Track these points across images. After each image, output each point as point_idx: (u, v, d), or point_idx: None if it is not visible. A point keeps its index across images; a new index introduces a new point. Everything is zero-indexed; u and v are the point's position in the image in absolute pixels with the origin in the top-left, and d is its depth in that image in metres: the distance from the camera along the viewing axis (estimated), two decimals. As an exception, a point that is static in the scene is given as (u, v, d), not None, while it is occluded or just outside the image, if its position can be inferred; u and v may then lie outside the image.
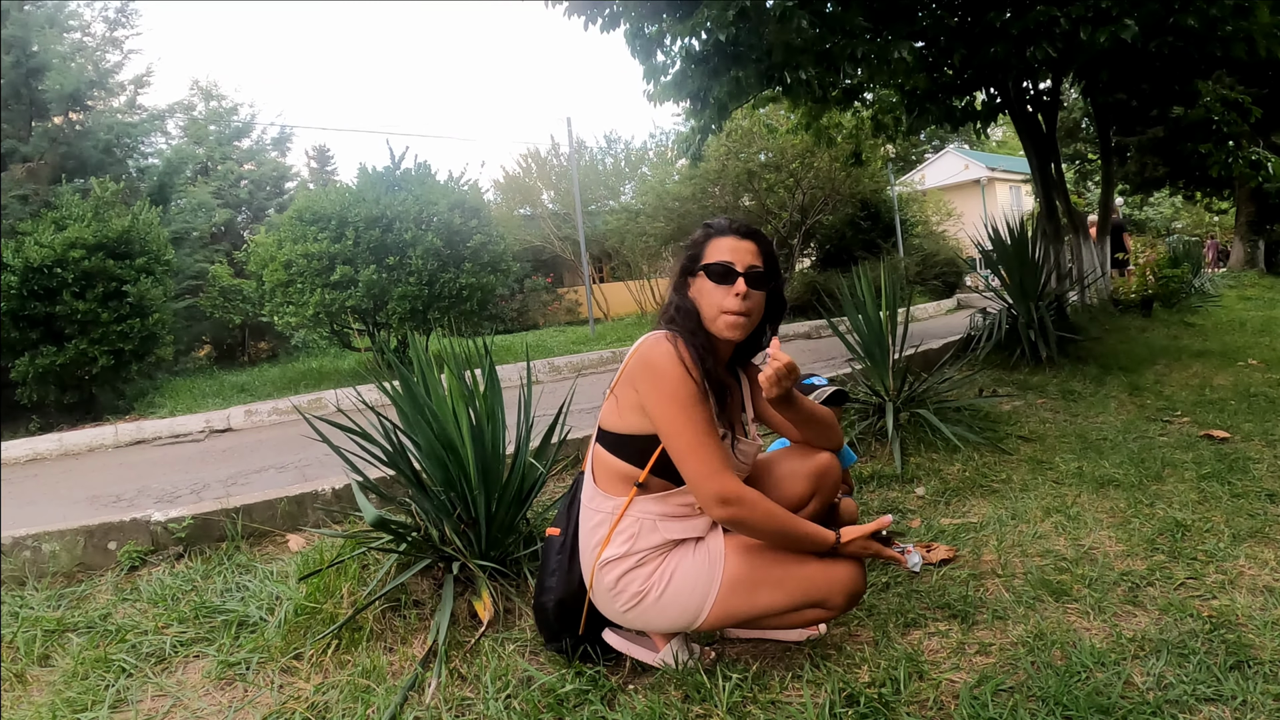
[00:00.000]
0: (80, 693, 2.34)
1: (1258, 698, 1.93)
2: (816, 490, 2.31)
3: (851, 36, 7.05)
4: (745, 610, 2.06)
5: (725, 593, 2.04)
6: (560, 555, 2.29)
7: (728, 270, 2.10)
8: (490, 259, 11.43)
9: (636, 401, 2.04)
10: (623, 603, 2.10)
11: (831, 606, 2.05)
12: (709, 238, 2.17)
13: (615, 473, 2.11)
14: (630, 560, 2.08)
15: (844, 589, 2.04)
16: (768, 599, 2.04)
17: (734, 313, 2.08)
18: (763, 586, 2.04)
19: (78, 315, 9.22)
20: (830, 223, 19.71)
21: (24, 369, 9.20)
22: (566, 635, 2.28)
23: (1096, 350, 7.09)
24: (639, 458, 2.07)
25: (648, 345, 2.04)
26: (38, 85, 11.12)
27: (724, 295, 2.09)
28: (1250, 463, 3.87)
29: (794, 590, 2.04)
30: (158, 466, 6.60)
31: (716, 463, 1.97)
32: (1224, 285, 16.36)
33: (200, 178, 19.54)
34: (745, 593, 2.04)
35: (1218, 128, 11.37)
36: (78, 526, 3.36)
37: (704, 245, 2.17)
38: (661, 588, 2.07)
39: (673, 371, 1.98)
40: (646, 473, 2.07)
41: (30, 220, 9.65)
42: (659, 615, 2.09)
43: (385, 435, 2.81)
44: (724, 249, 2.13)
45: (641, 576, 2.08)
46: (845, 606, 2.08)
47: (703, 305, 2.12)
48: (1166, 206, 38.48)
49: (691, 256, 2.18)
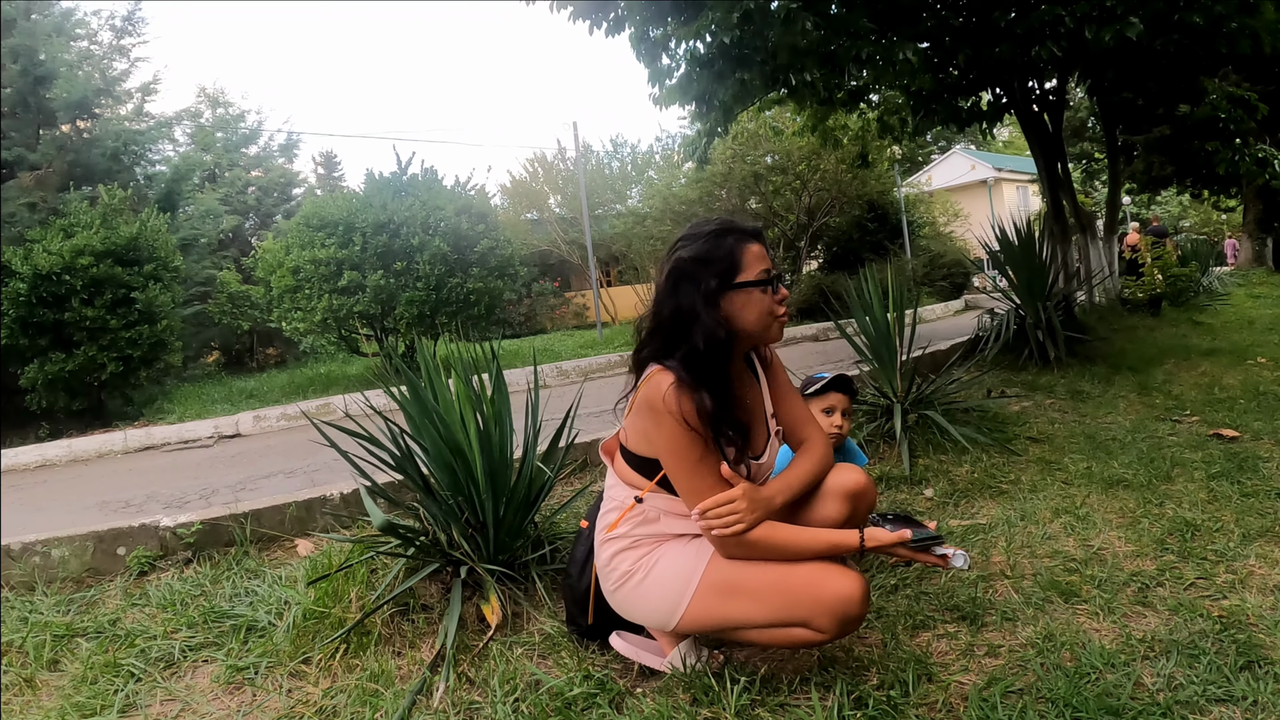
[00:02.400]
0: (89, 697, 2.35)
1: (1268, 698, 1.92)
2: (853, 512, 2.20)
3: (856, 38, 7.05)
4: (720, 616, 2.02)
5: (702, 593, 2.01)
6: (583, 546, 2.36)
7: (776, 277, 2.06)
8: (497, 264, 11.44)
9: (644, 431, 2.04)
10: (612, 581, 2.12)
11: (819, 628, 1.92)
12: (741, 244, 2.04)
13: (629, 476, 2.13)
14: (626, 540, 2.10)
15: (832, 610, 1.90)
16: (743, 609, 1.98)
17: (782, 315, 2.08)
18: (739, 595, 1.99)
19: (86, 322, 9.27)
20: (837, 225, 19.68)
21: (33, 375, 9.25)
22: (580, 622, 2.37)
23: (1105, 350, 7.06)
24: (648, 472, 2.08)
25: (655, 386, 1.97)
26: (45, 93, 11.19)
27: (773, 302, 2.05)
28: (1260, 461, 3.84)
29: (772, 605, 1.95)
30: (166, 472, 6.62)
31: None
32: (1232, 283, 16.30)
33: (208, 184, 19.66)
34: (721, 598, 2.00)
35: (1225, 125, 11.36)
36: (87, 532, 3.37)
37: (739, 255, 2.03)
38: (645, 572, 2.07)
39: (674, 423, 1.93)
40: (647, 491, 2.08)
41: (39, 228, 9.71)
42: (640, 601, 2.09)
43: (393, 440, 2.81)
44: (759, 256, 2.05)
45: (632, 558, 2.09)
46: (836, 631, 1.93)
47: (749, 317, 2.03)
48: (1174, 205, 38.40)
49: (726, 269, 2.02)
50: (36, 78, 11.07)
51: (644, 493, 2.08)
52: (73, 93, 11.27)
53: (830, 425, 3.13)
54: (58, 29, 11.98)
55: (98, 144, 11.87)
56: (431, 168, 11.85)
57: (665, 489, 2.06)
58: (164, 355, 10.45)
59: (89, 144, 11.81)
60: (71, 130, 11.91)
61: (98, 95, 12.04)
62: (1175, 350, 7.47)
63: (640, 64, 7.85)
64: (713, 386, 1.97)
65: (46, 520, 4.93)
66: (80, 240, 9.28)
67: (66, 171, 11.27)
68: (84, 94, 11.47)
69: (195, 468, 6.67)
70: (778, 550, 1.97)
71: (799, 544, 1.97)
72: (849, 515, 2.19)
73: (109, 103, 13.08)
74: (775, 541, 1.97)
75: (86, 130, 12.05)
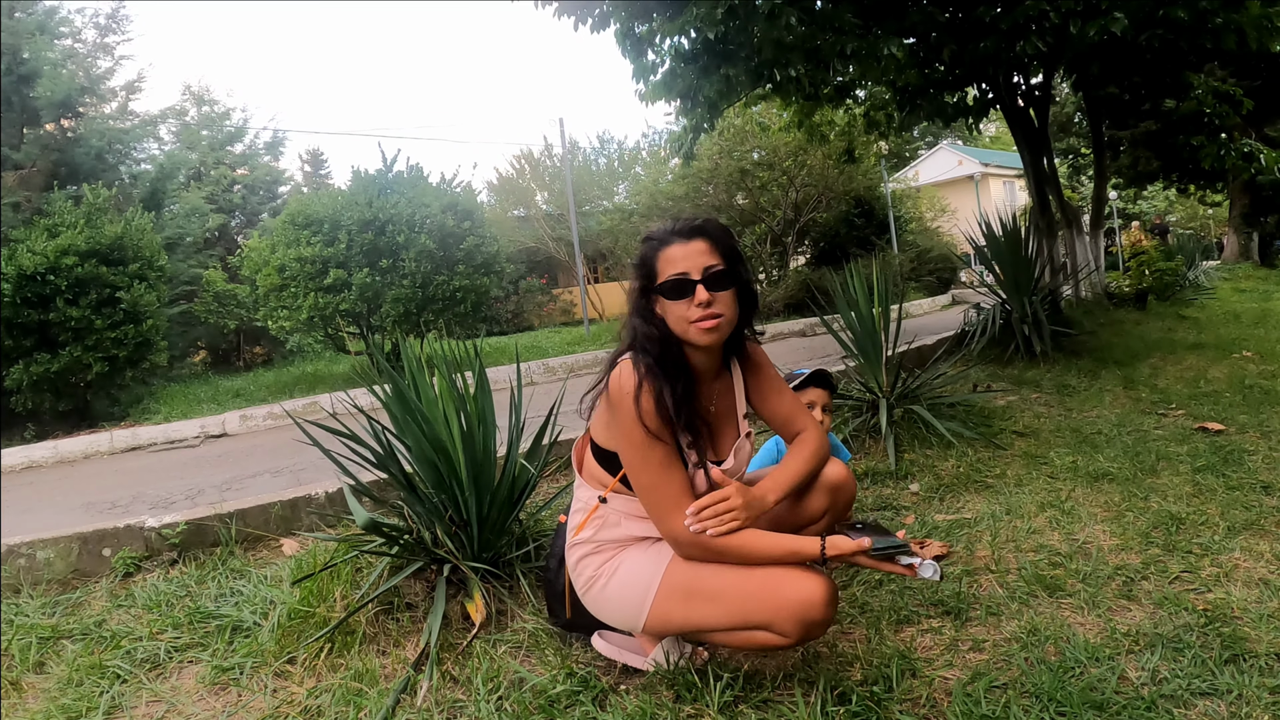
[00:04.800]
0: (75, 699, 2.34)
1: (1253, 691, 1.93)
2: (830, 506, 2.23)
3: (841, 33, 7.04)
4: (681, 620, 2.01)
5: (662, 597, 2.01)
6: (561, 541, 2.36)
7: (683, 283, 1.98)
8: (484, 261, 11.42)
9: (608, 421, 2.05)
10: (581, 584, 2.15)
11: (781, 632, 1.88)
12: (656, 251, 2.04)
13: (595, 474, 2.14)
14: (590, 546, 2.13)
15: (792, 614, 1.86)
16: (703, 612, 1.97)
17: (702, 319, 1.97)
18: (698, 598, 1.97)
19: (71, 322, 9.20)
20: (824, 220, 19.71)
21: (18, 376, 9.18)
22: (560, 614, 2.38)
23: (1091, 344, 7.09)
24: (613, 468, 2.08)
25: (613, 378, 1.99)
26: (29, 92, 11.11)
27: (687, 308, 1.98)
28: (1245, 455, 3.87)
29: (731, 608, 1.93)
30: (153, 472, 6.59)
31: (669, 504, 1.96)
32: (1218, 278, 16.39)
33: (193, 183, 19.56)
34: (681, 601, 1.99)
35: (1210, 120, 11.41)
36: (72, 533, 3.36)
37: (654, 261, 2.04)
38: (608, 578, 2.09)
39: (629, 412, 1.93)
40: (609, 490, 2.10)
41: (23, 228, 9.64)
42: (606, 604, 2.11)
43: (376, 438, 2.80)
44: (674, 259, 2.00)
45: (596, 563, 2.11)
46: (799, 635, 1.88)
47: (670, 321, 2.02)
48: (1160, 200, 38.56)
49: (645, 276, 2.06)
50: (20, 76, 10.98)
51: (607, 492, 2.10)
52: (57, 91, 11.19)
53: None
54: (41, 27, 11.87)
55: (82, 143, 11.80)
56: (417, 165, 11.82)
57: (628, 487, 2.06)
58: (150, 355, 10.38)
59: (73, 143, 11.74)
60: (56, 129, 11.83)
61: (82, 94, 11.94)
62: (1161, 344, 7.51)
63: (626, 60, 7.85)
64: (668, 381, 1.97)
65: (33, 522, 4.90)
66: (65, 240, 9.20)
67: (51, 171, 11.21)
68: (68, 92, 11.38)
69: (181, 468, 6.64)
70: (735, 554, 1.94)
71: (758, 549, 1.94)
72: (828, 508, 2.22)
73: (93, 101, 12.98)
74: (733, 545, 1.93)
75: (71, 129, 11.97)
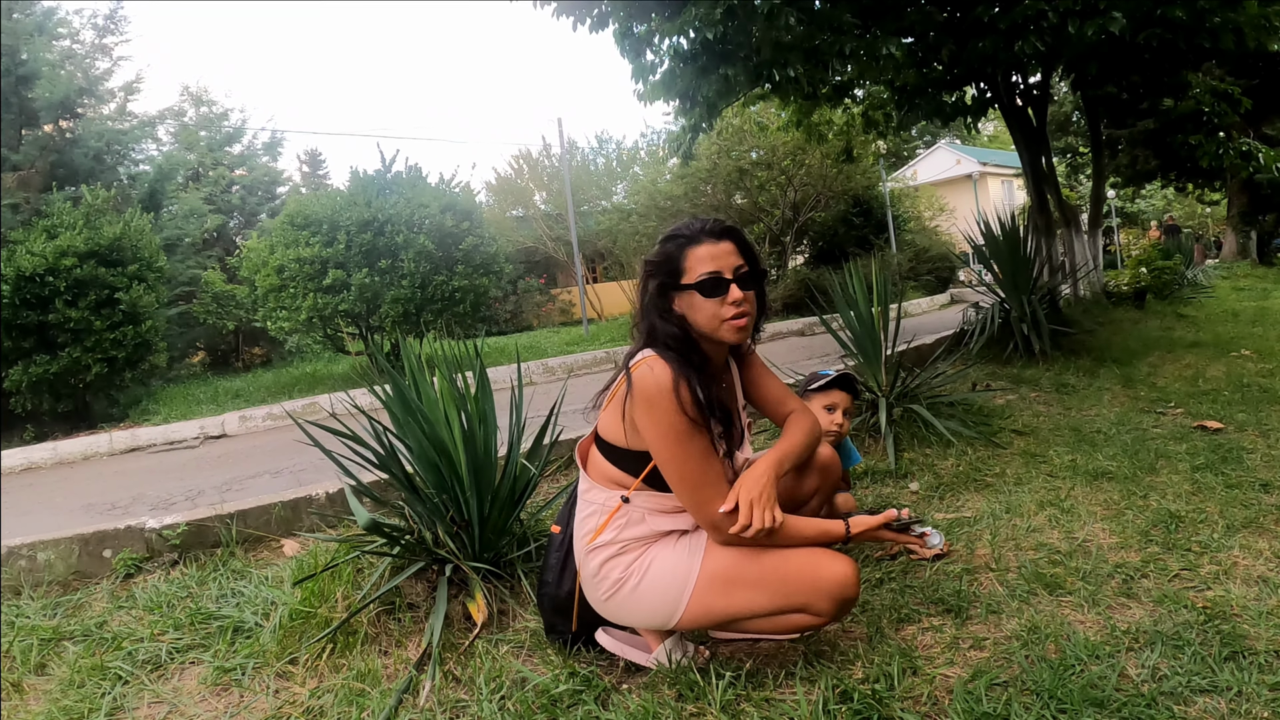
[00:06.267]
0: (77, 701, 2.34)
1: (1253, 688, 1.92)
2: (820, 485, 2.42)
3: (840, 33, 7.05)
4: (723, 609, 2.02)
5: (702, 588, 2.01)
6: (558, 552, 2.32)
7: (718, 281, 2.01)
8: (483, 261, 11.43)
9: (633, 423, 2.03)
10: (603, 590, 2.10)
11: (817, 612, 1.97)
12: (683, 249, 2.06)
13: (610, 475, 2.11)
14: (614, 547, 2.08)
15: (829, 594, 1.95)
16: (745, 599, 2.00)
17: (735, 317, 2.02)
18: (739, 586, 2.00)
19: (70, 323, 9.20)
20: (823, 220, 19.72)
21: (17, 378, 9.18)
22: (562, 629, 2.32)
23: (1090, 343, 7.09)
24: (634, 468, 2.07)
25: (641, 374, 1.98)
26: (27, 93, 11.11)
27: (719, 306, 2.02)
28: (1244, 453, 3.87)
29: (774, 591, 1.97)
30: (153, 474, 6.59)
31: (709, 491, 1.98)
32: (1217, 276, 16.40)
33: (192, 184, 19.55)
34: (722, 590, 2.00)
35: (1208, 119, 11.43)
36: (73, 535, 3.36)
37: (680, 259, 2.06)
38: (639, 576, 2.06)
39: (667, 406, 1.93)
40: (634, 489, 2.08)
41: (21, 229, 9.63)
42: (635, 606, 2.08)
43: (377, 439, 2.80)
44: (705, 258, 2.03)
45: (623, 564, 2.07)
46: (834, 613, 2.00)
47: (698, 319, 2.04)
48: (1158, 199, 38.60)
49: (670, 272, 2.07)
50: (19, 77, 10.98)
51: (630, 491, 2.07)
52: (55, 92, 11.19)
53: (831, 423, 3.17)
54: (39, 28, 11.87)
55: (81, 144, 11.80)
56: (416, 165, 11.84)
57: (651, 485, 2.06)
58: (149, 356, 10.39)
59: (72, 144, 11.74)
60: (54, 130, 11.83)
61: (80, 95, 11.96)
62: (1160, 343, 7.52)
63: (625, 60, 7.85)
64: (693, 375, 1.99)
65: (33, 523, 4.90)
66: (64, 241, 9.21)
67: (49, 172, 11.20)
68: (66, 93, 11.39)
69: (181, 469, 6.64)
70: (776, 538, 1.99)
71: (794, 532, 2.01)
72: (819, 487, 2.37)
73: (92, 102, 12.99)
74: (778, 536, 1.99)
75: (69, 130, 11.97)
